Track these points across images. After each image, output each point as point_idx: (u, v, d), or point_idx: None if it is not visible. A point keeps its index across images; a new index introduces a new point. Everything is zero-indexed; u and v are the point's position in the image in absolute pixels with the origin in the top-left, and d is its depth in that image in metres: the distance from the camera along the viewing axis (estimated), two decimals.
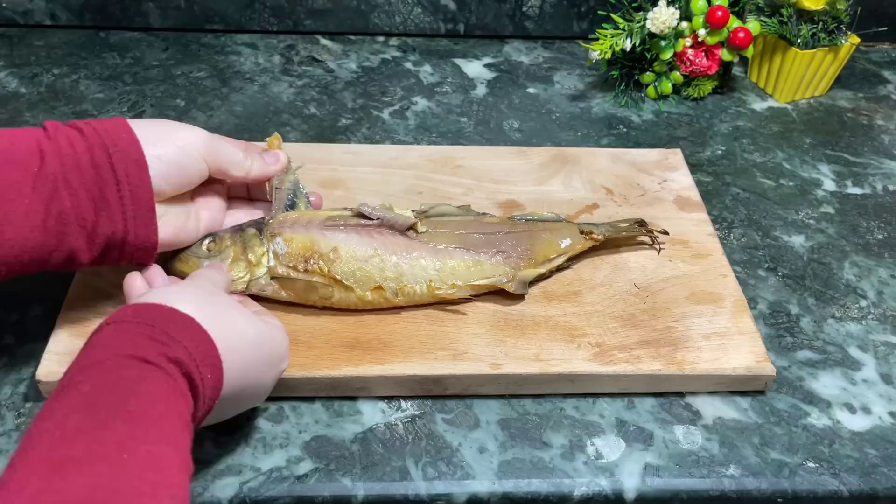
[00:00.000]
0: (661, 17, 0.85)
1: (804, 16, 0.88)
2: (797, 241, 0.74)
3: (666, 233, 0.69)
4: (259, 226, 0.61)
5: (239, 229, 0.61)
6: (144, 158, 0.52)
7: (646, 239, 0.69)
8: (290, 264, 0.59)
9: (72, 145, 0.51)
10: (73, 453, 0.36)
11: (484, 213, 0.66)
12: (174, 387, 0.42)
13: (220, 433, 0.55)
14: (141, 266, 0.56)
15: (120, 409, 0.39)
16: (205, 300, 0.49)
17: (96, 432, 0.37)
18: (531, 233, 0.65)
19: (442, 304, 0.62)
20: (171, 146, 0.54)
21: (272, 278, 0.60)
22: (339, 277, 0.59)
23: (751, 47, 0.88)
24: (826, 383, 0.62)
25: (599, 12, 0.93)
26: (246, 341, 0.49)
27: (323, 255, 0.59)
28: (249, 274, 0.59)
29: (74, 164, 0.50)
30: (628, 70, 0.92)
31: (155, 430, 0.39)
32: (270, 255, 0.60)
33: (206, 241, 0.59)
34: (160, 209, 0.54)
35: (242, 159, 0.59)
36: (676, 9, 0.86)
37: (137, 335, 0.44)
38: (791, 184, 0.81)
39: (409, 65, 0.96)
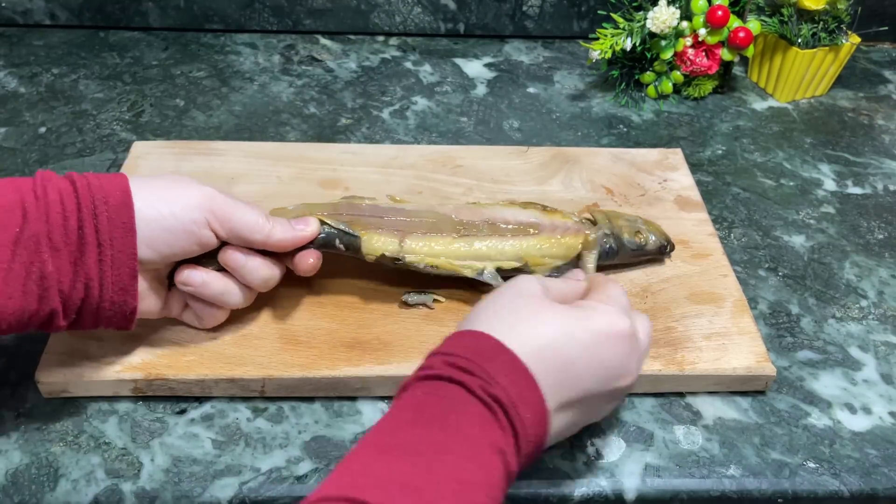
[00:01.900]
0: (662, 17, 0.85)
1: (805, 15, 0.88)
2: (798, 240, 0.74)
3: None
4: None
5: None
6: (134, 223, 0.49)
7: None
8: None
9: (62, 202, 0.48)
10: (397, 442, 0.41)
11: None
12: (492, 417, 0.43)
13: (220, 433, 0.55)
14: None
15: (441, 418, 0.42)
16: (522, 320, 0.47)
17: (418, 429, 0.42)
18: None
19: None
20: (167, 211, 0.51)
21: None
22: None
23: (751, 47, 0.88)
24: (826, 383, 0.62)
25: (599, 12, 0.93)
26: (570, 362, 0.46)
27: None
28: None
29: (60, 224, 0.48)
30: (628, 70, 0.92)
31: (466, 446, 0.41)
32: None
33: None
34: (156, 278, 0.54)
35: (260, 223, 0.54)
36: (677, 8, 0.86)
37: (462, 372, 0.44)
38: (791, 184, 0.81)
39: (408, 64, 0.96)
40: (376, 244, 0.59)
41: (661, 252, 0.66)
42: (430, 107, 0.89)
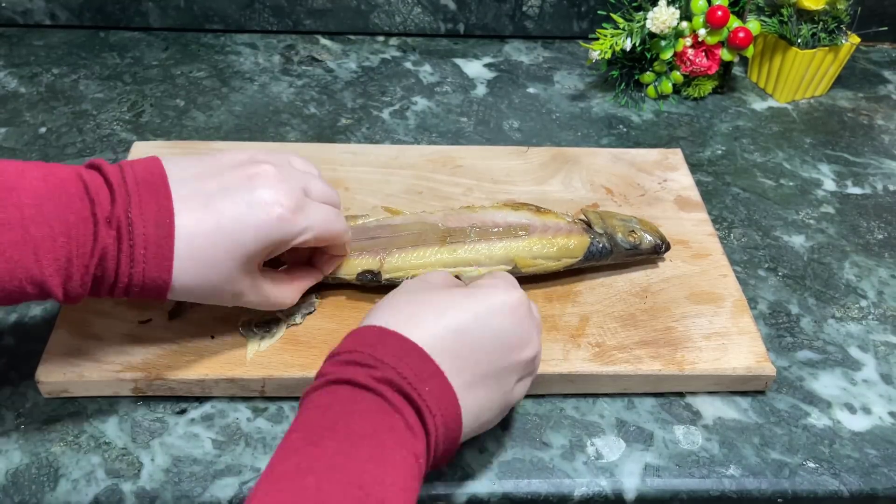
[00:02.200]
0: (662, 17, 0.85)
1: (804, 16, 0.88)
2: (797, 241, 0.74)
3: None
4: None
5: None
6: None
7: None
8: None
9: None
10: (287, 469, 0.40)
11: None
12: (384, 404, 0.43)
13: (220, 433, 0.55)
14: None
15: (330, 429, 0.42)
16: (412, 304, 0.49)
17: (309, 449, 0.41)
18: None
19: None
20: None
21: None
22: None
23: (751, 47, 0.88)
24: (826, 383, 0.62)
25: (599, 12, 0.93)
26: (461, 331, 0.47)
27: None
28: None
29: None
30: (628, 70, 0.92)
31: (362, 448, 0.41)
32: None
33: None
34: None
35: (282, 302, 0.57)
36: (676, 8, 0.86)
37: (348, 366, 0.45)
38: (791, 184, 0.81)
39: (408, 65, 0.96)
40: (357, 268, 0.61)
41: (656, 251, 0.66)
42: (430, 107, 0.89)
